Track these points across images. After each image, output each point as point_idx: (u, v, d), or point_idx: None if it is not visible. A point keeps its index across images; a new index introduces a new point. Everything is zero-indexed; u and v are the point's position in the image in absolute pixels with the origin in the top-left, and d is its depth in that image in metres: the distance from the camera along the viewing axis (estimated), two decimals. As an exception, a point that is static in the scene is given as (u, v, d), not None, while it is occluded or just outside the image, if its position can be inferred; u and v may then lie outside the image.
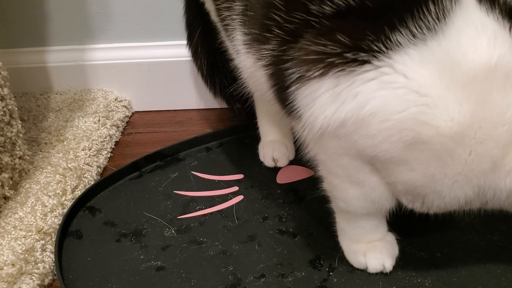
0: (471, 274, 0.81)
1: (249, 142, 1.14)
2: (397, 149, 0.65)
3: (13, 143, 1.00)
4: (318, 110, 0.68)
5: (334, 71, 0.66)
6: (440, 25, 0.63)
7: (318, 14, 0.66)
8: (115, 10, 1.28)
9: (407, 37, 0.62)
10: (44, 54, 1.32)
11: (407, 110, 0.63)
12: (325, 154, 0.74)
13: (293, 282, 0.82)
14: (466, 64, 0.62)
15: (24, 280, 0.83)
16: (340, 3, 0.64)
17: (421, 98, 0.62)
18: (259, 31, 0.74)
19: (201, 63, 1.17)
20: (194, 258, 0.88)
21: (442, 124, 0.62)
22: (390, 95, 0.63)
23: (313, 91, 0.68)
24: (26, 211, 0.95)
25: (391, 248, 0.83)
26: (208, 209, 0.98)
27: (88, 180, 1.05)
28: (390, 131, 0.64)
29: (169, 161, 1.11)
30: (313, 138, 0.72)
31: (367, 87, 0.64)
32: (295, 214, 0.95)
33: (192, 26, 1.15)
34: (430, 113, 0.62)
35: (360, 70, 0.65)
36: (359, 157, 0.70)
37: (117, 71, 1.32)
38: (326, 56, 0.66)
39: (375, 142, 0.66)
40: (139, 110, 1.35)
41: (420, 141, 0.63)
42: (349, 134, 0.68)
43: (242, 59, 0.82)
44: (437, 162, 0.64)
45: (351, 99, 0.65)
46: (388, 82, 0.64)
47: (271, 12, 0.70)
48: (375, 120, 0.64)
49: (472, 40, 0.63)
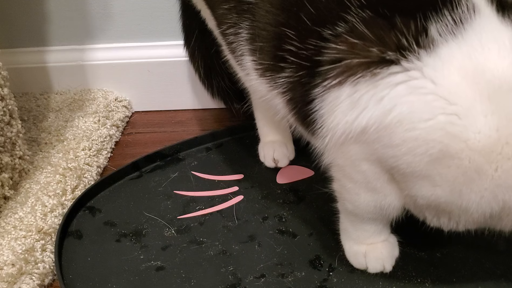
0: (471, 274, 0.81)
1: (249, 142, 1.14)
2: (422, 162, 0.62)
3: (13, 143, 1.00)
4: (340, 116, 0.66)
5: (353, 79, 0.64)
6: (459, 29, 0.61)
7: (331, 37, 0.66)
8: (115, 10, 1.28)
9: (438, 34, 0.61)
10: (44, 54, 1.32)
11: (435, 118, 0.60)
12: (345, 159, 0.72)
13: (293, 282, 0.82)
14: (491, 72, 0.59)
15: (24, 280, 0.83)
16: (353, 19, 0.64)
17: (450, 106, 0.60)
18: (271, 61, 0.73)
19: (198, 66, 1.17)
20: (194, 258, 0.88)
21: (472, 137, 0.59)
22: (418, 101, 0.61)
23: (335, 98, 0.66)
24: (26, 211, 0.95)
25: (392, 249, 0.83)
26: (208, 209, 0.98)
27: (88, 180, 1.05)
28: (415, 142, 0.62)
29: (169, 161, 1.11)
30: (335, 144, 0.70)
31: (395, 92, 0.62)
32: (295, 214, 0.95)
33: (189, 30, 1.15)
34: (459, 124, 0.59)
35: (386, 73, 0.63)
36: (379, 165, 0.68)
37: (117, 71, 1.32)
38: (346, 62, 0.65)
39: (398, 152, 0.63)
40: (139, 110, 1.35)
41: (447, 155, 0.61)
42: (370, 142, 0.66)
43: (254, 83, 0.82)
44: (464, 179, 0.62)
45: (374, 105, 0.63)
46: (416, 87, 0.61)
47: (283, 43, 0.70)
48: (400, 128, 0.62)
49: (496, 50, 0.60)
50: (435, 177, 0.63)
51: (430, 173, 0.63)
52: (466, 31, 0.61)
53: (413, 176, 0.65)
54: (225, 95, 1.18)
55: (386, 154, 0.65)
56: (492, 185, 0.62)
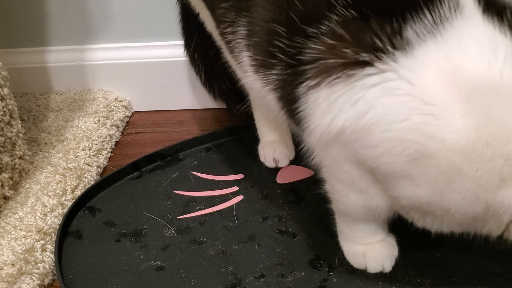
0: (471, 274, 0.81)
1: (249, 142, 1.14)
2: (400, 162, 0.62)
3: (13, 143, 1.00)
4: (319, 118, 0.67)
5: (329, 80, 0.64)
6: (439, 28, 0.60)
7: (316, 35, 0.66)
8: (115, 10, 1.28)
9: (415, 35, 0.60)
10: (44, 54, 1.32)
11: (410, 119, 0.60)
12: (330, 160, 0.73)
13: (293, 282, 0.82)
14: (469, 72, 0.59)
15: (24, 280, 0.83)
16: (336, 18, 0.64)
17: (426, 107, 0.60)
18: (264, 57, 0.74)
19: (199, 69, 1.17)
20: (194, 258, 0.88)
21: (449, 137, 0.59)
22: (393, 103, 0.61)
23: (314, 99, 0.67)
24: (26, 211, 0.95)
25: (390, 249, 0.83)
26: (208, 209, 0.98)
27: (88, 180, 1.05)
28: (392, 143, 0.62)
29: (169, 161, 1.11)
30: (318, 145, 0.72)
31: (370, 93, 0.62)
32: (295, 214, 0.95)
33: (188, 34, 1.15)
34: (435, 124, 0.59)
35: (361, 74, 0.63)
36: (361, 166, 0.69)
37: (117, 71, 1.32)
38: (322, 62, 0.65)
39: (376, 153, 0.63)
40: (139, 110, 1.35)
41: (424, 155, 0.60)
42: (349, 143, 0.66)
43: (251, 81, 0.82)
44: (445, 179, 0.61)
45: (349, 107, 0.63)
46: (392, 88, 0.61)
47: (274, 39, 0.70)
48: (376, 130, 0.62)
49: (476, 49, 0.60)
50: (415, 177, 0.63)
51: (409, 172, 0.63)
52: (446, 31, 0.61)
53: (394, 176, 0.65)
54: (226, 97, 1.19)
55: (366, 155, 0.65)
56: (473, 186, 0.61)
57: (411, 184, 0.64)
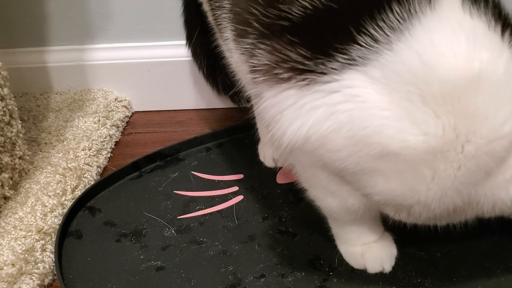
0: (471, 274, 0.81)
1: (249, 142, 1.14)
2: (368, 161, 0.62)
3: (13, 143, 1.00)
4: (285, 125, 0.65)
5: (296, 80, 0.63)
6: (406, 25, 0.58)
7: (287, 16, 0.64)
8: (115, 10, 1.28)
9: (365, 46, 0.59)
10: (44, 54, 1.32)
11: (373, 124, 0.59)
12: (299, 167, 0.73)
13: (293, 282, 0.82)
14: (444, 70, 0.57)
15: (24, 280, 0.83)
16: (307, 4, 0.62)
17: (381, 112, 0.59)
18: (242, 26, 0.72)
19: (201, 63, 1.16)
20: (194, 258, 0.88)
21: (411, 138, 0.58)
22: (356, 109, 0.60)
23: (279, 102, 0.65)
24: (26, 211, 0.95)
25: (389, 249, 0.83)
26: (208, 209, 0.98)
27: (88, 180, 1.05)
28: (356, 146, 0.61)
29: (169, 161, 1.11)
30: (283, 152, 0.70)
31: (330, 99, 0.61)
32: (295, 214, 0.95)
33: (191, 26, 1.14)
34: (394, 126, 0.59)
35: (322, 80, 0.61)
36: (326, 169, 0.68)
37: (117, 71, 1.32)
38: (290, 60, 0.63)
39: (341, 156, 0.63)
40: (139, 110, 1.35)
41: (390, 152, 0.60)
42: (315, 149, 0.65)
43: (233, 56, 0.81)
44: (414, 174, 0.61)
45: (312, 113, 0.62)
46: (352, 95, 0.60)
47: (251, 6, 0.68)
48: (339, 135, 0.61)
49: (449, 42, 0.57)
50: (386, 171, 0.62)
51: (379, 167, 0.62)
52: (414, 27, 0.58)
53: (364, 174, 0.64)
54: (231, 93, 1.17)
55: (331, 158, 0.64)
56: (456, 183, 0.60)
57: (383, 179, 0.63)
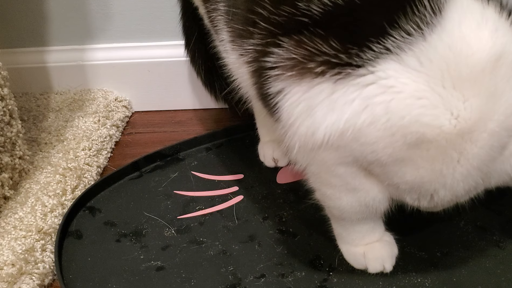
0: (471, 274, 0.81)
1: (249, 142, 1.14)
2: (402, 151, 0.63)
3: (13, 143, 1.00)
4: (318, 121, 0.65)
5: (330, 74, 0.63)
6: (437, 19, 0.61)
7: (306, 13, 0.64)
8: (115, 10, 1.28)
9: (400, 39, 0.61)
10: (44, 54, 1.32)
11: (410, 114, 0.61)
12: (319, 166, 0.72)
13: (293, 282, 0.82)
14: (474, 57, 0.61)
15: (24, 280, 0.83)
16: (328, 2, 0.62)
17: (418, 101, 0.61)
18: (242, 26, 0.72)
19: (199, 69, 1.17)
20: (194, 258, 0.88)
21: (446, 123, 0.61)
22: (392, 100, 0.62)
23: (310, 97, 0.65)
24: (26, 211, 0.95)
25: (390, 248, 0.83)
26: (208, 209, 0.98)
27: (88, 180, 1.05)
28: (393, 137, 0.63)
29: (169, 161, 1.11)
30: (305, 151, 0.69)
31: (366, 92, 0.62)
32: (295, 214, 0.95)
33: (188, 32, 1.14)
34: (430, 114, 0.61)
35: (356, 73, 0.62)
36: (355, 164, 0.68)
37: (117, 71, 1.32)
38: (322, 54, 0.63)
39: (377, 148, 0.64)
40: (139, 110, 1.35)
41: (425, 140, 0.62)
42: (347, 144, 0.65)
43: (229, 57, 0.81)
44: (444, 157, 0.64)
45: (348, 107, 0.63)
46: (387, 86, 0.62)
47: (255, 5, 0.68)
48: (376, 127, 0.62)
49: (475, 32, 0.62)
50: (417, 160, 0.64)
51: (411, 157, 0.64)
52: (443, 18, 0.61)
53: (395, 164, 0.66)
54: (229, 98, 1.17)
55: (364, 152, 0.65)
56: (479, 162, 0.64)
57: (413, 168, 0.65)
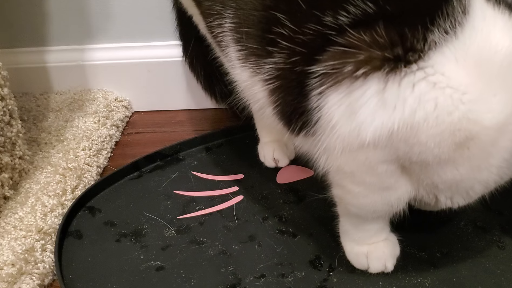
0: (471, 274, 0.81)
1: (249, 142, 1.14)
2: (450, 150, 0.64)
3: (13, 143, 1.00)
4: (367, 122, 0.64)
5: (382, 71, 0.62)
6: (466, 18, 0.63)
7: (334, 26, 0.64)
8: (115, 10, 1.28)
9: (441, 37, 0.62)
10: (44, 54, 1.32)
11: (458, 109, 0.62)
12: (359, 165, 0.70)
13: (293, 282, 0.82)
14: (501, 54, 0.63)
15: (24, 280, 0.83)
16: (356, 12, 0.62)
17: (464, 95, 0.62)
18: (257, 45, 0.71)
19: (198, 74, 1.17)
20: (194, 258, 0.88)
21: (486, 118, 0.62)
22: (440, 96, 0.62)
23: (355, 99, 0.64)
24: (26, 211, 0.95)
25: (393, 248, 0.83)
26: (208, 209, 0.98)
27: (88, 180, 1.05)
28: (442, 135, 0.63)
29: (169, 161, 1.11)
30: (347, 152, 0.68)
31: (418, 89, 0.62)
32: (295, 214, 0.95)
33: (185, 39, 1.15)
34: (475, 109, 0.62)
35: (407, 71, 0.62)
36: (397, 162, 0.68)
37: (117, 71, 1.32)
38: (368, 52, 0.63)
39: (424, 148, 0.64)
40: (139, 110, 1.35)
41: (469, 138, 0.63)
42: (396, 143, 0.65)
43: (237, 73, 0.80)
44: (482, 153, 0.65)
45: (399, 106, 0.63)
46: (435, 82, 0.62)
47: (274, 26, 0.68)
48: (427, 125, 0.62)
49: (499, 30, 0.64)
50: (458, 159, 0.65)
51: (454, 157, 0.65)
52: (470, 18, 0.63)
53: (438, 165, 0.66)
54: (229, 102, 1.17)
55: (411, 152, 0.65)
56: (507, 154, 0.66)
57: (453, 167, 0.66)
